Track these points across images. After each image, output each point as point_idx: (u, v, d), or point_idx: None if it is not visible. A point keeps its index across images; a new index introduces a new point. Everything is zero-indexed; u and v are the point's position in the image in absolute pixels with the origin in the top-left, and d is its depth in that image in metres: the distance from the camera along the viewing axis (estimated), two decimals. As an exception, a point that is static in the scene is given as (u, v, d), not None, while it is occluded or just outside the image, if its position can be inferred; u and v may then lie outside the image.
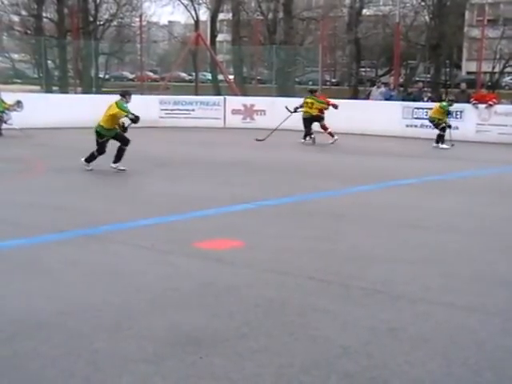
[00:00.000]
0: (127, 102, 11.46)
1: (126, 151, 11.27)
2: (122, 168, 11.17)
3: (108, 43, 34.67)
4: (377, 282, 5.36)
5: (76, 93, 26.96)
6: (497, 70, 34.00)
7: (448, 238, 6.93)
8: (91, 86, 28.33)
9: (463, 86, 20.65)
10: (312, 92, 16.91)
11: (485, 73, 31.71)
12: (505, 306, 4.84)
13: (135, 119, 11.21)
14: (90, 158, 11.33)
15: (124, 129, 11.44)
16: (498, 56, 33.55)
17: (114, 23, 36.52)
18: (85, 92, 26.63)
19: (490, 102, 17.95)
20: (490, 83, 29.99)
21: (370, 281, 5.39)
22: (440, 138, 16.05)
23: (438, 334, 4.27)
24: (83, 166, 11.27)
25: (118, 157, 11.23)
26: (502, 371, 3.77)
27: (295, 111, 16.23)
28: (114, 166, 11.19)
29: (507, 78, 38.29)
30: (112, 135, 11.33)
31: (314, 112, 16.16)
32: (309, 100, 16.27)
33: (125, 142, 11.27)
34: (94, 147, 11.32)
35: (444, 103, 16.49)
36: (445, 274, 5.62)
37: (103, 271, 5.61)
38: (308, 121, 16.23)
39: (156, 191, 9.62)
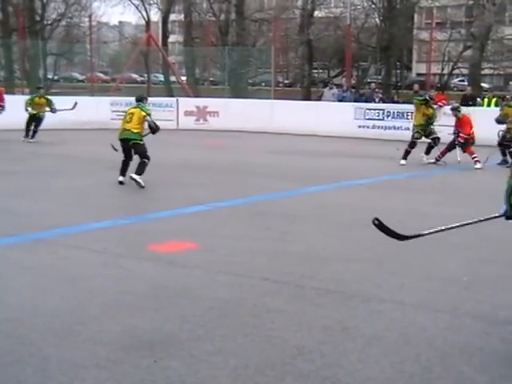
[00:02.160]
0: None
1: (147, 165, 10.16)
2: (142, 185, 9.82)
3: (56, 43, 34.06)
4: (330, 281, 5.40)
5: (24, 94, 26.40)
6: (446, 71, 34.66)
7: (399, 237, 7.02)
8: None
9: (416, 87, 20.97)
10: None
11: (434, 74, 32.26)
12: (453, 303, 4.94)
13: (155, 127, 10.69)
14: (141, 168, 10.01)
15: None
16: (446, 58, 34.18)
17: (63, 23, 35.95)
18: (33, 93, 26.11)
19: (440, 103, 18.28)
20: (439, 85, 30.55)
21: (323, 281, 5.43)
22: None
23: (390, 332, 4.32)
24: (139, 182, 9.79)
25: (141, 170, 9.99)
26: (451, 367, 3.84)
27: None
28: (135, 177, 9.88)
29: (456, 80, 39.06)
30: (139, 140, 10.39)
31: None
32: None
33: (145, 155, 10.21)
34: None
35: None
36: (396, 273, 5.70)
37: (54, 276, 5.50)
38: None
39: (108, 194, 9.50)
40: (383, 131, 18.49)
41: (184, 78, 29.55)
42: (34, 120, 16.46)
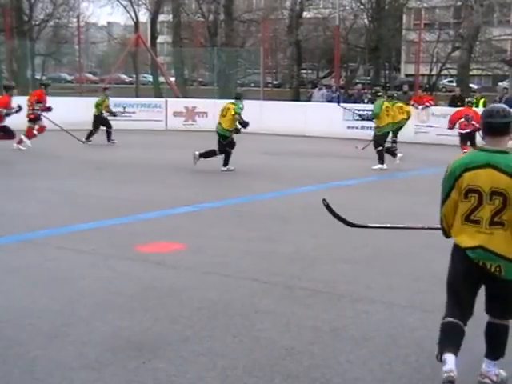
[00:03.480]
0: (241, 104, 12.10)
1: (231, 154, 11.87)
2: (232, 168, 11.84)
3: (44, 44, 33.92)
4: (319, 282, 5.40)
5: (12, 95, 26.27)
6: (434, 72, 34.81)
7: (389, 238, 7.03)
8: (28, 87, 27.68)
9: (405, 87, 21.03)
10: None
11: (423, 75, 32.40)
12: (442, 303, 4.92)
13: (244, 124, 11.94)
14: (208, 154, 11.86)
15: (237, 130, 12.11)
16: (434, 59, 34.35)
17: (51, 23, 35.77)
18: (21, 94, 26.00)
19: (427, 104, 18.37)
20: (427, 85, 30.68)
21: (312, 281, 5.43)
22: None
23: (378, 333, 4.33)
24: (194, 158, 11.70)
25: (227, 160, 11.88)
26: (440, 367, 3.84)
27: None
28: (224, 169, 11.82)
29: (444, 81, 39.24)
30: (229, 137, 11.91)
31: None
32: None
33: (232, 145, 11.96)
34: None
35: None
36: (385, 274, 5.72)
37: (42, 277, 5.48)
38: None
39: (96, 195, 9.46)
40: (372, 132, 18.50)
41: (173, 79, 29.46)
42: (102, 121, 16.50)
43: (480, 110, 18.52)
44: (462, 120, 13.72)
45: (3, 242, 6.56)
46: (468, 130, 13.36)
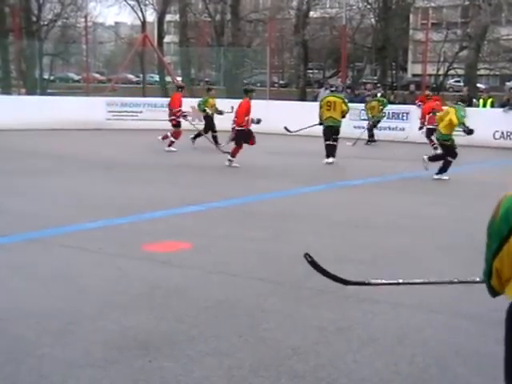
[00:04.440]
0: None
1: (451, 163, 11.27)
2: (446, 177, 11.24)
3: (52, 44, 33.99)
4: (325, 282, 5.37)
5: (20, 94, 26.38)
6: (441, 72, 34.73)
7: (395, 238, 7.03)
8: (36, 87, 27.78)
9: (412, 87, 20.98)
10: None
11: (430, 75, 32.34)
12: (448, 303, 4.94)
13: (469, 131, 11.58)
14: (436, 158, 11.59)
15: (469, 131, 11.64)
16: (441, 59, 34.27)
17: (59, 23, 35.84)
18: (29, 93, 26.10)
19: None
20: (434, 85, 30.60)
21: (318, 281, 5.40)
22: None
23: (385, 333, 4.32)
24: (424, 163, 11.40)
25: (444, 169, 11.29)
26: (446, 368, 3.84)
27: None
28: (436, 177, 11.27)
29: (451, 80, 39.13)
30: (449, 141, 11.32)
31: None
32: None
33: (453, 155, 11.28)
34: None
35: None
36: (392, 274, 5.69)
37: (49, 276, 5.49)
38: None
39: (103, 194, 9.48)
40: (379, 132, 18.51)
41: (179, 79, 29.48)
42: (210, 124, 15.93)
43: (487, 109, 18.57)
44: (431, 115, 13.80)
45: (10, 241, 6.58)
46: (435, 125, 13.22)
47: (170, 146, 14.92)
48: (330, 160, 13.07)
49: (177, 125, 15.15)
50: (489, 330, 4.26)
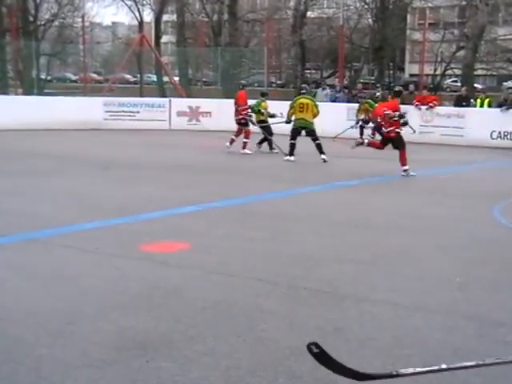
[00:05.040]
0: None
1: None
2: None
3: (50, 44, 33.97)
4: (323, 282, 5.40)
5: (17, 94, 26.38)
6: (438, 72, 34.75)
7: (395, 238, 7.04)
8: (33, 87, 27.75)
9: (411, 87, 20.98)
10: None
11: (427, 75, 32.36)
12: (446, 303, 4.94)
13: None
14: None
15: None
16: (439, 59, 34.29)
17: (56, 23, 35.83)
18: (26, 93, 26.08)
19: (431, 104, 18.34)
20: (432, 85, 30.62)
21: (316, 281, 5.42)
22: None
23: (382, 333, 4.32)
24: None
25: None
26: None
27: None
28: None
29: (449, 80, 39.17)
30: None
31: None
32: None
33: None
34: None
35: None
36: (390, 274, 5.71)
37: (47, 276, 5.49)
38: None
39: (101, 194, 9.48)
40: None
41: (177, 79, 29.49)
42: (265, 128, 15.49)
43: (485, 109, 18.58)
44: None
45: (9, 241, 6.57)
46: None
47: (244, 147, 14.56)
48: (292, 158, 13.57)
49: (246, 124, 14.85)
50: (486, 330, 4.28)
